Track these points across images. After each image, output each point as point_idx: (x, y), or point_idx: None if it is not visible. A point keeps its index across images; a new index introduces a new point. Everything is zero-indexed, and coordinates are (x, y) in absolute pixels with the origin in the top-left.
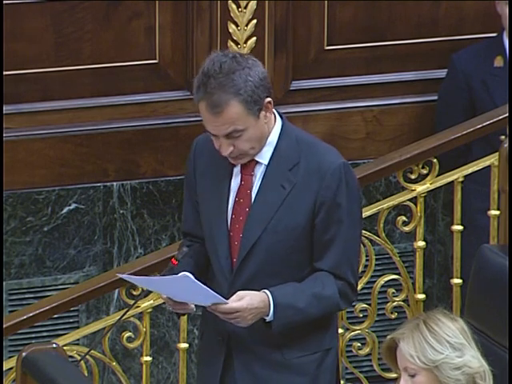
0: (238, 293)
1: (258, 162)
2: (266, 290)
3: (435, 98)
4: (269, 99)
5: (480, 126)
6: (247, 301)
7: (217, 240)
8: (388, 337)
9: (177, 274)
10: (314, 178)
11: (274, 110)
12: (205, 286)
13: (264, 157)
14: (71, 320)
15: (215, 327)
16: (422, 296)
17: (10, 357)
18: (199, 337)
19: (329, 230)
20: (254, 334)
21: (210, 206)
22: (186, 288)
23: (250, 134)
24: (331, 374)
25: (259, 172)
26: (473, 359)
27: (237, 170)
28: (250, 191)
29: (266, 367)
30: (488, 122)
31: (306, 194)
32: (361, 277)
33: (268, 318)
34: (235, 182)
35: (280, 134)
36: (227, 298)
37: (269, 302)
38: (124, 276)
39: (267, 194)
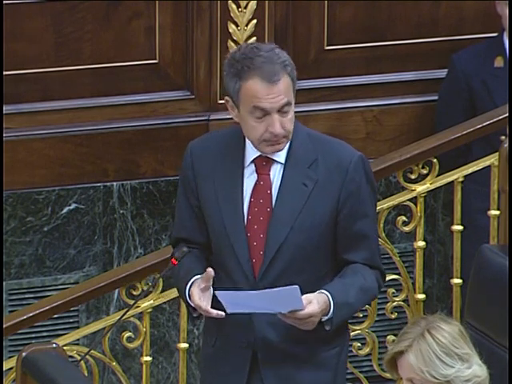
0: (305, 296)
1: (273, 162)
2: (323, 291)
3: (435, 98)
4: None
5: (480, 125)
6: (317, 304)
7: (235, 243)
8: (392, 349)
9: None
10: (336, 172)
11: None
12: (300, 296)
13: (280, 156)
14: (71, 320)
15: (236, 331)
16: (421, 296)
17: (10, 357)
18: (210, 343)
19: (356, 223)
20: (280, 333)
21: (221, 208)
22: (278, 299)
23: (292, 113)
24: (346, 367)
25: (276, 171)
26: (479, 367)
27: (249, 170)
28: (270, 191)
29: (293, 365)
30: (488, 122)
31: (329, 189)
32: None
33: (326, 318)
34: (249, 183)
35: (293, 133)
36: None
37: (329, 302)
38: (219, 293)
39: (289, 192)
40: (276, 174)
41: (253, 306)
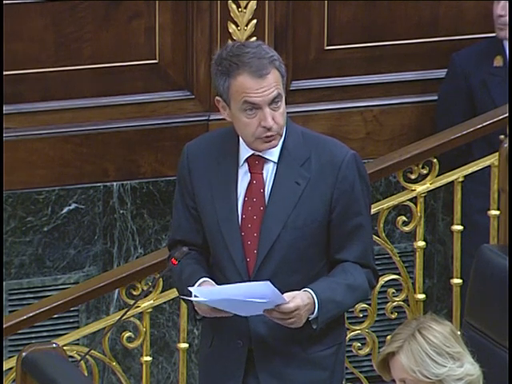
0: (286, 294)
1: (266, 161)
2: (307, 289)
3: (435, 98)
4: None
5: (480, 126)
6: (300, 298)
7: (229, 242)
8: (383, 350)
9: (191, 279)
10: (328, 171)
11: None
12: (278, 292)
13: (273, 154)
14: (71, 320)
15: (232, 331)
16: (422, 296)
17: (10, 357)
18: (207, 344)
19: (349, 222)
20: (276, 332)
21: (216, 208)
22: (254, 293)
23: (283, 107)
24: (343, 367)
25: (269, 170)
26: (471, 366)
27: (243, 170)
28: (263, 190)
29: (289, 365)
30: (488, 122)
31: (322, 187)
32: None
33: (312, 316)
34: (243, 182)
35: (286, 131)
36: None
37: (313, 299)
38: (194, 289)
39: (282, 191)
40: (269, 172)
41: (233, 300)
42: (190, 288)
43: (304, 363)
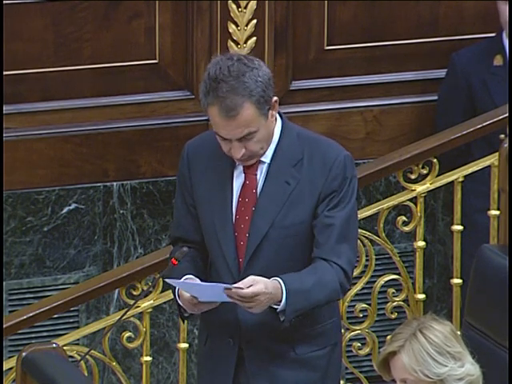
0: (252, 277)
1: (260, 161)
2: (275, 278)
3: (435, 98)
4: (275, 98)
5: (480, 126)
6: (263, 284)
7: (223, 242)
8: (384, 350)
9: (177, 277)
10: (319, 171)
11: None
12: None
13: (266, 155)
14: (71, 320)
15: (223, 329)
16: (422, 296)
17: (10, 357)
18: (202, 342)
19: (324, 220)
20: (266, 331)
21: (212, 208)
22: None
23: (261, 134)
24: (338, 368)
25: (262, 171)
26: (471, 366)
27: (239, 170)
28: (256, 190)
29: (280, 365)
30: (488, 122)
31: (312, 188)
32: (361, 277)
33: (280, 307)
34: (238, 183)
35: (281, 132)
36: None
37: (281, 288)
38: (170, 281)
39: (272, 190)
40: (262, 173)
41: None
42: (166, 280)
43: (294, 363)
